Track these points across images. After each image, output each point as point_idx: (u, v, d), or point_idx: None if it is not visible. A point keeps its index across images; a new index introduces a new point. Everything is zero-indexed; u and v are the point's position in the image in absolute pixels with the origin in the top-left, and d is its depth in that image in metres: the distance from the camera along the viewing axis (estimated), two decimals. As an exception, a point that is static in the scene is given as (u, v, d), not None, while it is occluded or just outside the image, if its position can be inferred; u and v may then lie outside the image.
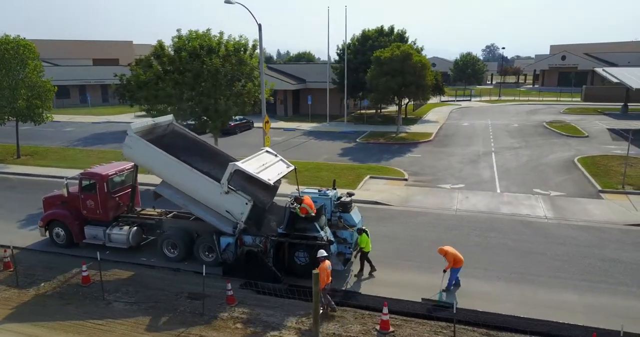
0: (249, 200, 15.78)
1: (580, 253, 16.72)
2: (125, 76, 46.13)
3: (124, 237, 17.24)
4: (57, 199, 18.60)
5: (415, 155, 33.76)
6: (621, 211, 20.97)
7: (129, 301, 13.64)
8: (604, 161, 29.75)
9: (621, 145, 35.80)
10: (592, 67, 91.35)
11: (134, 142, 17.06)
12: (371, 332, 11.99)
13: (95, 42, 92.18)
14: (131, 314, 13.01)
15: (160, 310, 13.13)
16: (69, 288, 14.51)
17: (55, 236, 18.10)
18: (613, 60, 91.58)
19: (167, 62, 25.57)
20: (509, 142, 37.75)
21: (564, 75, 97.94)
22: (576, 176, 27.04)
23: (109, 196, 17.60)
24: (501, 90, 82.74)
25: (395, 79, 37.46)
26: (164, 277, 15.40)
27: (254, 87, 26.39)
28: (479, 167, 29.68)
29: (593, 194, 23.76)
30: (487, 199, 23.15)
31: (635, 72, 44.95)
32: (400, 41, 46.74)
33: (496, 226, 19.63)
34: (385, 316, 12.00)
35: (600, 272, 15.23)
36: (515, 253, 16.81)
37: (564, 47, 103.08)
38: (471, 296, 13.76)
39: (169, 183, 17.01)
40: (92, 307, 13.33)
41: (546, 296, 13.75)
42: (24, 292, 14.32)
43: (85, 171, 18.18)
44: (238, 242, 15.75)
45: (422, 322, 12.44)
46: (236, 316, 12.83)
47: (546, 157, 32.19)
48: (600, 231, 18.94)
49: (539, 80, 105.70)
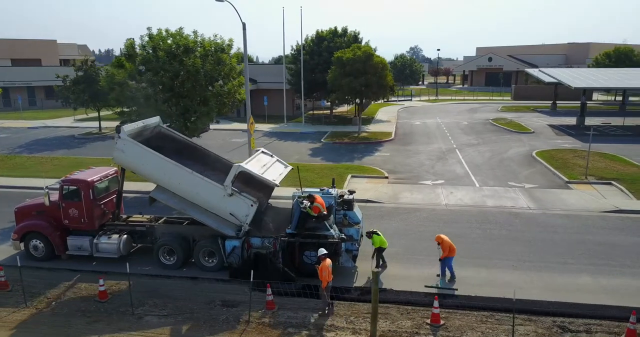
0: (254, 202, 15.51)
1: (574, 240, 17.99)
2: (68, 77, 43.37)
3: (114, 247, 16.27)
4: (32, 209, 17.24)
5: (384, 154, 34.51)
6: (593, 200, 22.78)
7: (161, 314, 12.89)
8: (559, 155, 32.13)
9: (565, 139, 38.87)
10: (516, 68, 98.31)
11: (128, 145, 16.21)
12: (424, 327, 12.22)
13: (14, 40, 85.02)
14: (171, 326, 12.30)
15: (201, 321, 12.53)
16: (87, 305, 13.45)
17: (33, 249, 16.72)
18: (533, 62, 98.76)
19: (142, 62, 24.31)
20: (466, 139, 39.63)
21: (490, 76, 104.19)
22: (540, 169, 28.97)
23: (95, 203, 16.51)
24: (438, 91, 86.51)
25: (358, 80, 38.05)
26: (183, 286, 14.73)
27: (234, 88, 25.76)
28: (449, 164, 30.93)
29: (562, 185, 25.59)
30: (470, 193, 24.22)
31: (571, 73, 48.88)
32: (354, 42, 47.51)
33: (489, 218, 20.61)
34: (436, 310, 12.27)
35: (601, 255, 16.49)
36: (518, 243, 17.76)
37: (489, 50, 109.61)
38: (498, 285, 14.37)
39: (165, 188, 16.29)
40: (124, 323, 12.45)
41: (564, 280, 14.68)
42: (37, 312, 13.08)
43: (67, 177, 16.90)
44: (245, 244, 15.39)
45: (465, 313, 12.85)
46: (283, 320, 12.54)
47: (506, 152, 34.17)
48: (582, 218, 20.46)
49: (468, 80, 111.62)
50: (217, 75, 25.15)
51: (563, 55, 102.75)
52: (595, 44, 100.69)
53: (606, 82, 45.28)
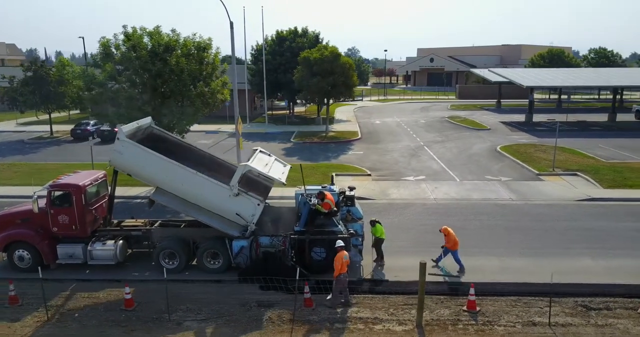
0: (261, 201, 15.55)
1: (563, 227, 19.32)
2: (15, 78, 40.52)
3: (111, 253, 15.65)
4: (14, 217, 16.28)
5: (357, 152, 35.14)
6: (566, 190, 24.52)
7: (199, 319, 12.58)
8: (522, 149, 34.19)
9: (521, 135, 41.33)
10: (456, 68, 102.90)
11: (127, 147, 15.69)
12: (462, 314, 12.76)
13: None
14: (217, 330, 12.05)
15: (244, 322, 12.37)
16: (114, 314, 12.84)
17: (18, 260, 15.73)
18: (471, 62, 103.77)
19: (120, 61, 23.36)
20: (430, 137, 41.12)
21: (432, 76, 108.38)
22: (509, 163, 30.69)
23: (87, 208, 15.81)
24: (386, 90, 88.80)
25: (326, 80, 38.45)
26: (208, 290, 14.37)
27: (217, 88, 25.33)
28: (424, 160, 32.03)
29: (533, 177, 27.29)
30: (453, 187, 25.28)
31: (520, 73, 51.97)
32: (315, 42, 47.90)
33: (480, 210, 21.66)
34: (472, 297, 12.86)
35: (592, 239, 17.85)
36: (515, 232, 18.83)
37: (430, 51, 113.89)
38: (512, 271, 15.22)
39: (166, 190, 15.91)
40: (164, 330, 12.04)
41: (570, 264, 15.76)
42: (63, 326, 12.34)
43: (56, 182, 16.02)
44: (254, 244, 15.36)
45: (494, 299, 13.53)
46: (326, 317, 12.64)
47: (471, 148, 35.86)
48: (561, 207, 21.99)
49: (411, 80, 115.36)
50: (200, 75, 24.65)
51: (498, 56, 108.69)
52: (526, 46, 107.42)
53: (552, 81, 48.61)
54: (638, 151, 33.40)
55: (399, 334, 11.80)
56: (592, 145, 35.57)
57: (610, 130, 43.85)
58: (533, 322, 12.26)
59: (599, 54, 77.11)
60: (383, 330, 12.00)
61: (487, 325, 12.17)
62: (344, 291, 13.19)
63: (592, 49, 78.65)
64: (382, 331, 11.97)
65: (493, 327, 12.09)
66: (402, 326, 12.14)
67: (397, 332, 11.90)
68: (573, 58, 76.83)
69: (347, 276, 13.26)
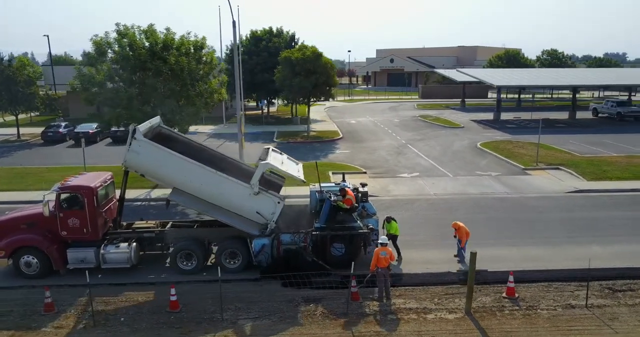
0: (281, 199, 15.74)
1: (564, 217, 20.48)
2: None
3: (125, 256, 15.35)
4: (19, 221, 15.68)
5: (344, 151, 35.59)
6: (553, 183, 25.94)
7: (252, 317, 12.59)
8: (501, 146, 35.72)
9: (494, 132, 43.10)
10: (416, 69, 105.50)
11: (144, 147, 15.45)
12: (502, 300, 13.41)
13: None
14: (276, 327, 12.09)
15: (299, 318, 12.49)
16: (162, 317, 12.62)
17: (25, 266, 15.13)
18: (430, 63, 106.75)
19: (117, 60, 22.74)
20: (409, 135, 42.15)
21: (392, 76, 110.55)
22: (493, 159, 32.02)
23: (98, 211, 15.46)
24: (351, 91, 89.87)
25: (308, 79, 38.69)
26: (248, 289, 14.34)
27: (215, 87, 25.10)
28: (411, 158, 32.88)
29: (519, 172, 28.64)
30: (449, 183, 26.18)
31: (490, 73, 54.14)
32: (291, 42, 48.01)
33: (481, 203, 22.60)
34: (512, 284, 13.54)
35: (596, 228, 19.04)
36: (522, 223, 19.80)
37: (389, 52, 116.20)
38: (533, 259, 16.06)
39: (184, 190, 15.78)
40: (222, 330, 11.96)
41: (580, 251, 16.67)
42: (114, 330, 12.02)
43: (64, 183, 15.47)
44: (275, 242, 15.51)
45: (527, 285, 14.26)
46: (377, 309, 12.97)
47: (452, 145, 37.10)
48: (555, 199, 23.29)
49: (372, 81, 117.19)
50: (198, 74, 24.36)
51: (455, 57, 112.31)
52: (481, 48, 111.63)
53: (518, 80, 50.97)
54: (604, 145, 35.64)
55: (453, 322, 12.28)
56: (562, 141, 37.57)
57: (574, 126, 46.48)
58: (571, 305, 13.07)
59: (551, 55, 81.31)
60: (436, 318, 12.45)
61: (530, 310, 12.87)
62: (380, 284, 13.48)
63: (545, 50, 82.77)
64: (435, 319, 12.42)
65: (537, 311, 12.80)
66: (452, 314, 12.63)
67: (449, 320, 12.38)
68: (527, 59, 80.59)
69: (388, 272, 13.56)
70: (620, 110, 49.72)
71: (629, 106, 50.49)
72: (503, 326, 12.00)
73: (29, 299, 13.54)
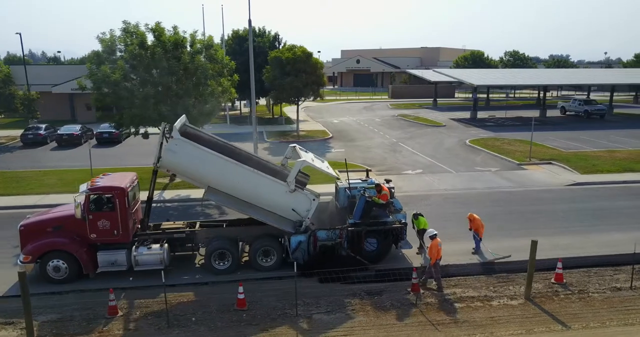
0: (316, 196, 16.04)
1: (576, 208, 21.58)
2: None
3: (157, 257, 15.15)
4: (45, 224, 15.23)
5: (339, 150, 35.97)
6: (551, 177, 27.31)
7: (324, 311, 12.76)
8: (490, 142, 37.11)
9: (477, 130, 44.59)
10: (382, 70, 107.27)
11: (181, 146, 15.38)
12: (553, 286, 14.16)
13: None
14: (353, 320, 12.31)
15: (372, 311, 12.75)
16: (234, 315, 12.57)
17: (53, 271, 14.72)
18: (395, 63, 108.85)
19: (129, 59, 22.20)
20: (396, 134, 43.02)
21: (358, 77, 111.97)
22: (487, 155, 33.25)
23: (129, 212, 15.28)
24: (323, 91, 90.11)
25: (299, 79, 38.84)
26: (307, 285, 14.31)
27: (227, 86, 24.89)
28: (408, 155, 33.65)
29: (515, 167, 29.92)
30: (455, 179, 27.05)
31: (468, 73, 55.90)
32: (274, 42, 47.95)
33: (493, 197, 23.53)
34: (560, 271, 14.32)
35: (606, 217, 20.25)
36: (539, 214, 20.78)
37: (355, 52, 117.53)
38: (563, 248, 16.96)
39: (218, 189, 15.78)
40: (303, 325, 12.06)
41: (605, 238, 17.83)
42: (191, 330, 11.86)
43: (94, 184, 15.11)
44: (311, 238, 15.78)
45: (568, 271, 15.07)
46: (442, 299, 13.40)
47: (443, 143, 38.20)
48: (558, 191, 24.55)
49: (338, 81, 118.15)
50: (210, 74, 24.10)
51: (418, 58, 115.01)
52: (444, 49, 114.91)
53: (494, 80, 52.98)
54: (581, 141, 37.69)
55: (518, 308, 12.89)
56: (542, 138, 39.31)
57: (547, 124, 48.73)
58: (617, 288, 13.97)
59: (513, 56, 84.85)
60: (501, 305, 13.03)
61: (582, 293, 13.67)
62: (438, 275, 14.00)
63: (507, 51, 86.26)
64: (500, 306, 13.00)
65: (589, 294, 13.61)
66: (514, 300, 13.25)
67: (514, 306, 12.99)
68: (492, 60, 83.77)
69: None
70: (587, 108, 52.63)
71: (595, 105, 53.50)
72: (566, 309, 12.72)
73: (87, 303, 13.12)
